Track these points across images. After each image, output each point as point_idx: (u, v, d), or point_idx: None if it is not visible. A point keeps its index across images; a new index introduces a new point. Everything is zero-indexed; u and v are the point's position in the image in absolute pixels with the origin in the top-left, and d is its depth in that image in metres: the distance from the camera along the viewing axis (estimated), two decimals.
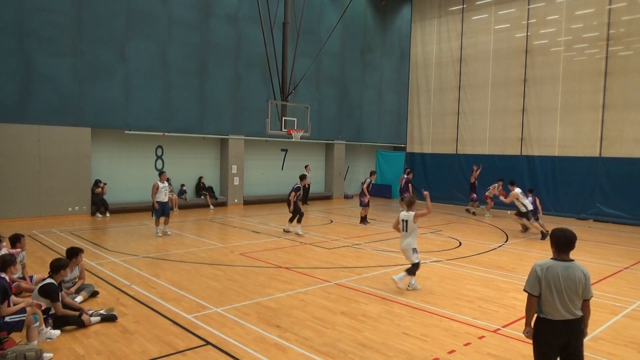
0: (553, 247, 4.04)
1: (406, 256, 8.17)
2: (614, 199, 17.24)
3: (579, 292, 3.90)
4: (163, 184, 12.50)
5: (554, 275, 3.91)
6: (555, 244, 4.02)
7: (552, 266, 3.94)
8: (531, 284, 3.98)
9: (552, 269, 3.92)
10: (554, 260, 3.99)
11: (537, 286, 3.94)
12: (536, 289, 3.95)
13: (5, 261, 5.80)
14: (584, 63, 17.97)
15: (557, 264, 3.95)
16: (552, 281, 3.90)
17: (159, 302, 7.10)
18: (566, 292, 3.88)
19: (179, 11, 17.69)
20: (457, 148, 22.14)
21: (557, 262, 3.97)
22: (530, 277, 3.99)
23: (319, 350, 5.48)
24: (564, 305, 3.89)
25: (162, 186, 12.42)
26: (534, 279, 3.95)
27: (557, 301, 3.89)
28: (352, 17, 24.14)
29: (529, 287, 3.99)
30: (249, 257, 10.32)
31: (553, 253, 4.05)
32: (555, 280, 3.90)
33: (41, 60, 14.69)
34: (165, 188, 12.52)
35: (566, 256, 4.00)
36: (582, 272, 3.94)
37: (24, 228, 12.98)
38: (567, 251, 3.99)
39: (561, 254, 3.99)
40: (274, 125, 15.77)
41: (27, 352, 4.86)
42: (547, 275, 3.92)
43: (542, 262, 4.01)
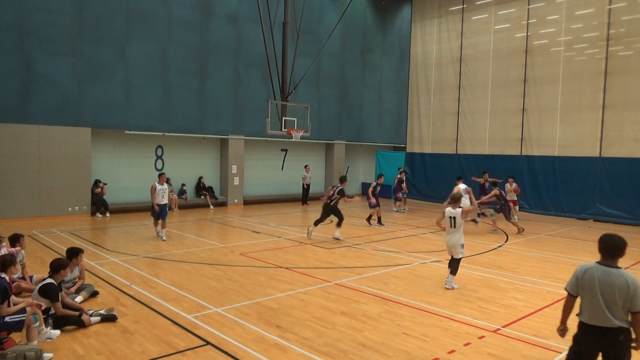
0: (600, 252, 3.96)
1: (453, 252, 8.15)
2: (614, 199, 17.25)
3: (617, 301, 3.69)
4: (162, 185, 12.11)
5: (590, 279, 3.81)
6: (601, 249, 3.94)
7: (592, 269, 3.85)
8: (571, 283, 3.94)
9: (590, 272, 3.83)
10: (597, 263, 3.90)
11: (576, 287, 3.87)
12: (575, 289, 3.88)
13: (5, 261, 5.80)
14: (584, 63, 17.97)
15: (598, 267, 3.85)
16: (588, 284, 3.82)
17: (159, 302, 7.10)
18: (602, 298, 3.74)
19: (179, 11, 17.69)
20: (457, 148, 22.14)
21: (599, 265, 3.87)
22: (572, 277, 3.94)
23: (319, 350, 5.48)
24: (597, 311, 3.76)
25: (160, 188, 11.99)
26: (574, 279, 3.90)
27: (591, 305, 3.80)
28: (352, 17, 24.14)
29: (569, 286, 3.95)
30: (249, 257, 10.32)
31: (600, 257, 3.98)
32: (592, 284, 3.79)
33: (41, 60, 14.69)
34: (163, 190, 12.05)
35: (611, 262, 3.87)
36: (625, 280, 3.71)
37: (24, 228, 12.98)
38: (612, 257, 3.87)
39: (606, 259, 3.90)
40: (274, 125, 15.77)
41: (27, 352, 4.86)
42: (584, 277, 3.84)
43: (586, 264, 3.96)
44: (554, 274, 9.47)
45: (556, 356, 5.47)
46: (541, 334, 6.11)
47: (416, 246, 12.02)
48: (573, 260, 10.78)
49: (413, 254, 10.95)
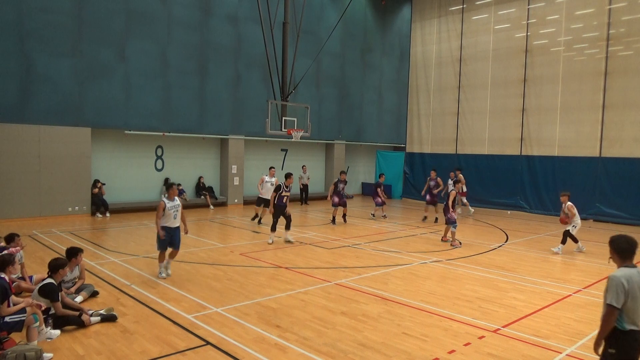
0: (626, 253, 3.85)
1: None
2: (614, 199, 17.24)
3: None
4: (172, 202, 8.40)
5: (637, 283, 3.73)
6: (627, 250, 3.85)
7: (634, 275, 3.74)
8: (617, 297, 3.67)
9: (634, 279, 3.72)
10: (630, 267, 3.80)
11: (623, 298, 3.70)
12: (621, 301, 3.70)
13: (5, 261, 5.79)
14: (584, 63, 17.97)
15: (633, 271, 3.77)
16: (637, 289, 3.73)
17: (159, 302, 7.09)
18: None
19: (179, 11, 17.69)
20: (456, 148, 22.14)
21: (633, 269, 3.79)
22: (614, 291, 3.69)
23: (319, 350, 5.48)
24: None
25: (170, 206, 8.33)
26: (620, 292, 3.66)
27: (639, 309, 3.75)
28: (352, 17, 24.14)
29: (616, 301, 3.66)
30: (249, 257, 10.32)
31: (619, 262, 3.88)
32: (637, 288, 3.73)
33: (41, 60, 14.69)
34: (175, 208, 8.42)
35: (632, 262, 3.85)
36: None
37: (24, 228, 12.98)
38: (633, 257, 3.85)
39: (631, 259, 3.85)
40: (274, 125, 15.76)
41: (27, 352, 4.86)
42: (632, 286, 3.72)
43: (622, 273, 3.75)
44: (554, 274, 9.47)
45: (556, 356, 5.46)
46: (541, 334, 6.11)
47: (416, 246, 12.02)
48: (573, 260, 10.78)
49: (413, 254, 10.95)
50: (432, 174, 16.87)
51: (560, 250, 11.45)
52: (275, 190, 12.09)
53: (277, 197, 12.00)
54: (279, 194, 12.01)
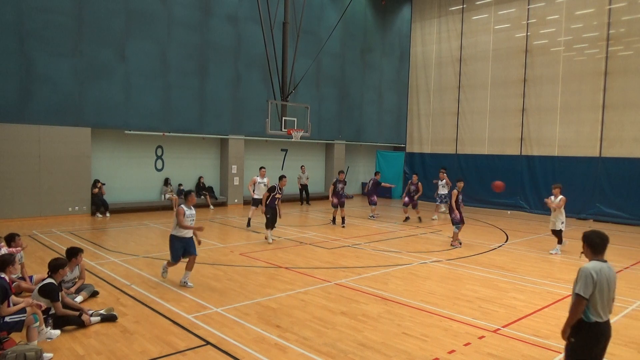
0: (597, 248, 4.02)
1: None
2: (614, 199, 17.24)
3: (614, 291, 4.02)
4: (190, 210, 8.22)
5: (605, 277, 3.90)
6: (599, 245, 4.02)
7: (603, 268, 3.92)
8: (586, 287, 3.86)
9: (603, 271, 3.91)
10: (600, 261, 3.98)
11: (591, 289, 3.86)
12: (589, 292, 3.86)
13: (5, 261, 5.79)
14: (584, 63, 17.97)
15: (603, 265, 3.96)
16: (604, 283, 3.89)
17: (159, 302, 7.09)
18: (611, 292, 3.96)
19: (179, 11, 17.69)
20: (456, 148, 22.14)
21: (603, 263, 3.97)
22: (584, 282, 3.87)
23: (319, 350, 5.48)
24: (609, 306, 3.97)
25: (188, 213, 8.14)
26: (590, 283, 3.85)
27: (604, 303, 3.92)
28: (352, 17, 24.14)
29: (584, 291, 3.84)
30: (249, 257, 10.32)
31: (591, 255, 4.05)
32: (606, 282, 3.91)
33: (41, 60, 14.69)
34: (192, 217, 8.28)
35: (603, 257, 4.03)
36: (614, 271, 4.07)
37: (24, 228, 12.98)
38: (604, 252, 4.03)
39: (602, 254, 4.02)
40: (274, 125, 15.76)
41: (27, 352, 4.86)
42: (600, 278, 3.88)
43: (592, 265, 3.94)
44: (554, 274, 9.47)
45: (556, 356, 5.46)
46: (541, 334, 6.11)
47: (416, 246, 12.02)
48: (573, 260, 10.78)
49: (413, 254, 10.95)
50: (414, 178, 16.79)
51: (559, 251, 11.46)
52: (269, 191, 12.06)
53: (270, 198, 11.94)
54: (272, 195, 11.95)
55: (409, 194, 16.62)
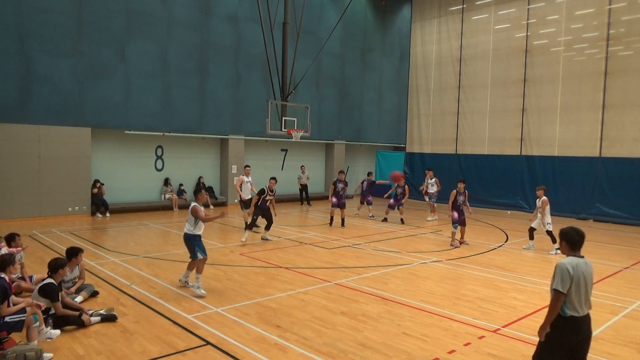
0: (575, 244, 4.13)
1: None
2: (614, 199, 17.24)
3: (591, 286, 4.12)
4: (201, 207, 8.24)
5: (581, 272, 4.01)
6: (577, 242, 4.13)
7: (579, 263, 4.03)
8: (563, 283, 3.95)
9: (579, 266, 4.01)
10: (577, 257, 4.09)
11: (568, 285, 3.95)
12: (566, 286, 3.95)
13: (5, 261, 5.79)
14: (584, 63, 17.97)
15: (579, 260, 4.06)
16: (580, 279, 3.99)
17: (159, 302, 7.09)
18: (588, 288, 4.06)
19: (179, 11, 17.69)
20: (456, 148, 22.14)
21: (579, 258, 4.08)
22: (560, 277, 3.96)
23: (319, 350, 5.48)
24: (586, 301, 4.06)
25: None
26: (566, 278, 3.94)
27: (582, 298, 4.01)
28: (352, 17, 24.14)
29: (562, 286, 3.94)
30: (249, 257, 10.32)
31: (568, 251, 4.16)
32: (582, 278, 4.01)
33: (41, 60, 14.69)
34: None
35: (579, 252, 4.14)
36: (591, 266, 4.17)
37: (24, 228, 12.98)
38: (581, 248, 4.15)
39: (579, 250, 4.13)
40: (274, 125, 15.76)
41: (27, 352, 4.86)
42: (576, 273, 3.98)
43: (569, 261, 4.04)
44: None
45: None
46: None
47: (416, 246, 12.02)
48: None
49: (413, 254, 10.95)
50: (401, 181, 16.27)
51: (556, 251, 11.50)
52: (259, 194, 11.81)
53: (261, 200, 11.74)
54: (262, 198, 11.75)
55: (395, 196, 16.15)
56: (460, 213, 12.16)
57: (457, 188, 12.32)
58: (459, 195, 12.21)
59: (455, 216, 12.00)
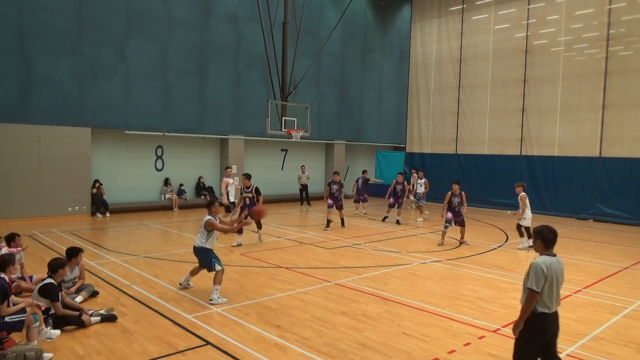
0: (549, 242, 4.19)
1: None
2: (614, 199, 17.24)
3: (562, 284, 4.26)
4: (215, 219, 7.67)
5: (554, 270, 4.10)
6: (551, 240, 4.19)
7: (552, 262, 4.12)
8: (537, 282, 4.03)
9: (553, 265, 4.10)
10: (550, 256, 4.17)
11: (542, 283, 4.04)
12: (540, 285, 4.03)
13: (5, 261, 5.79)
14: (584, 63, 17.97)
15: (553, 259, 4.15)
16: (554, 277, 4.09)
17: (159, 302, 7.09)
18: (560, 285, 4.18)
19: (179, 11, 17.70)
20: (456, 148, 22.14)
21: (553, 257, 4.17)
22: (535, 276, 4.04)
23: (319, 350, 5.48)
24: (557, 298, 4.18)
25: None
26: (540, 277, 4.02)
27: (554, 295, 4.12)
28: (352, 17, 24.14)
29: (537, 285, 4.02)
30: (249, 257, 10.32)
31: (542, 249, 4.22)
32: (556, 276, 4.11)
33: (41, 60, 14.69)
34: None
35: (552, 251, 4.23)
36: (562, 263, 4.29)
37: (24, 228, 12.98)
38: (554, 246, 4.23)
39: (552, 248, 4.21)
40: (274, 125, 15.77)
41: (27, 352, 4.86)
42: (550, 272, 4.07)
43: (543, 260, 4.11)
44: None
45: None
46: None
47: (416, 246, 12.02)
48: (573, 260, 10.78)
49: (413, 254, 10.95)
50: (399, 178, 16.08)
51: (526, 245, 11.72)
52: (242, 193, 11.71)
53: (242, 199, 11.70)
54: (242, 197, 11.69)
55: (395, 194, 15.98)
56: (456, 214, 12.13)
57: (452, 190, 12.28)
58: (453, 197, 12.19)
59: (448, 216, 12.07)
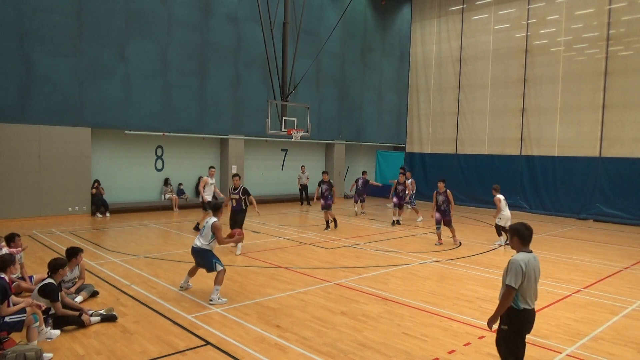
0: (526, 239, 4.29)
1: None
2: (614, 199, 17.24)
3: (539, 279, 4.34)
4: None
5: (532, 268, 4.19)
6: (527, 237, 4.30)
7: (530, 259, 4.22)
8: (515, 279, 4.11)
9: (530, 262, 4.20)
10: (527, 253, 4.26)
11: (520, 280, 4.12)
12: (519, 282, 4.11)
13: (5, 261, 5.79)
14: (584, 63, 17.97)
15: (530, 255, 4.25)
16: (531, 273, 4.18)
17: (159, 302, 7.09)
18: (537, 280, 4.27)
19: (179, 11, 17.70)
20: (456, 148, 22.14)
21: (530, 254, 4.26)
22: (513, 273, 4.12)
23: (319, 350, 5.48)
24: (535, 294, 4.27)
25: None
26: (519, 274, 4.11)
27: (531, 291, 4.21)
28: (352, 17, 24.14)
29: (514, 282, 4.10)
30: (249, 257, 10.32)
31: (519, 246, 4.30)
32: (533, 272, 4.21)
33: (41, 60, 14.69)
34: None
35: (529, 248, 4.33)
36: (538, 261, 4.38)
37: (24, 228, 12.98)
38: (530, 243, 4.33)
39: (528, 245, 4.31)
40: (274, 125, 15.77)
41: (27, 352, 4.86)
42: (528, 269, 4.15)
43: (521, 257, 4.19)
44: (554, 274, 9.47)
45: (556, 356, 5.46)
46: (541, 334, 6.10)
47: (416, 246, 12.02)
48: (573, 260, 10.78)
49: (413, 254, 10.95)
50: (401, 178, 15.99)
51: (503, 243, 12.14)
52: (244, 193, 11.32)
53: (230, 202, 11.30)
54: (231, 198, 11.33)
55: (397, 194, 15.69)
56: (443, 214, 12.10)
57: (438, 188, 12.26)
58: (438, 195, 12.19)
59: (437, 217, 12.20)
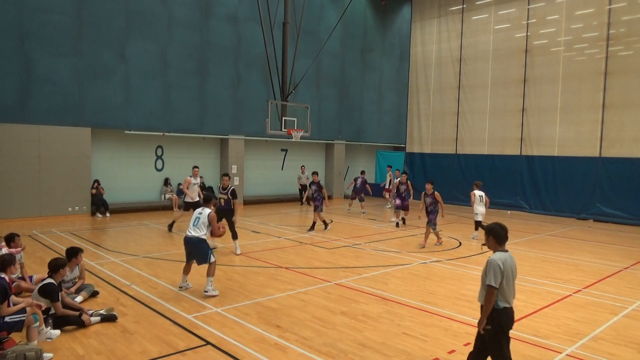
0: (502, 239, 4.33)
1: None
2: (614, 199, 17.24)
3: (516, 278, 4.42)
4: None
5: (509, 267, 4.27)
6: (504, 237, 4.35)
7: (507, 258, 4.27)
8: (496, 278, 4.17)
9: (508, 261, 4.26)
10: (504, 252, 4.31)
11: (500, 280, 4.17)
12: (498, 281, 4.17)
13: (5, 261, 5.79)
14: (584, 63, 17.97)
15: (507, 255, 4.30)
16: (510, 272, 4.25)
17: (159, 302, 7.09)
18: (514, 279, 4.34)
19: (179, 11, 17.69)
20: (456, 148, 22.14)
21: (506, 253, 4.32)
22: (493, 272, 4.18)
23: (319, 350, 5.48)
24: (514, 292, 4.33)
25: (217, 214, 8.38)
26: (498, 273, 4.17)
27: (511, 289, 4.27)
28: (352, 17, 24.14)
29: (495, 281, 4.16)
30: (249, 257, 10.32)
31: (495, 246, 4.36)
32: (511, 271, 4.28)
33: (41, 60, 14.69)
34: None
35: (504, 247, 4.38)
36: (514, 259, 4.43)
37: (24, 228, 12.98)
38: (505, 242, 4.38)
39: (504, 244, 4.36)
40: (274, 125, 15.77)
41: (27, 352, 4.86)
42: (506, 268, 4.21)
43: (498, 256, 4.26)
44: (554, 274, 9.47)
45: (556, 356, 5.46)
46: (541, 334, 6.11)
47: (416, 246, 12.02)
48: (573, 260, 10.78)
49: (413, 254, 10.95)
50: (403, 178, 15.70)
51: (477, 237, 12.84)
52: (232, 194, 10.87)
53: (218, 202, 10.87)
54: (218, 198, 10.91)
55: (399, 195, 15.23)
56: (429, 213, 12.07)
57: (426, 189, 12.28)
58: (426, 197, 12.20)
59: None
